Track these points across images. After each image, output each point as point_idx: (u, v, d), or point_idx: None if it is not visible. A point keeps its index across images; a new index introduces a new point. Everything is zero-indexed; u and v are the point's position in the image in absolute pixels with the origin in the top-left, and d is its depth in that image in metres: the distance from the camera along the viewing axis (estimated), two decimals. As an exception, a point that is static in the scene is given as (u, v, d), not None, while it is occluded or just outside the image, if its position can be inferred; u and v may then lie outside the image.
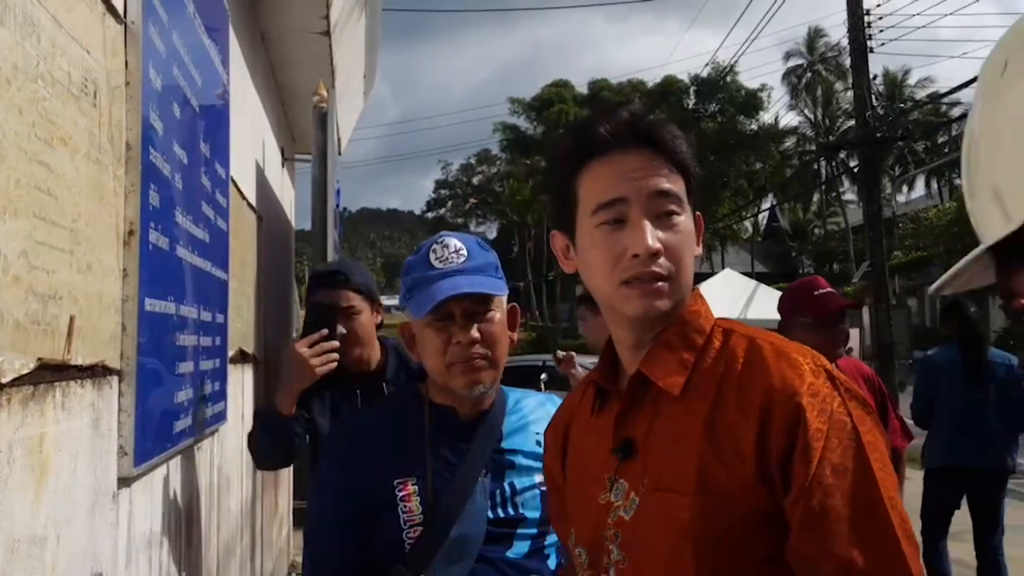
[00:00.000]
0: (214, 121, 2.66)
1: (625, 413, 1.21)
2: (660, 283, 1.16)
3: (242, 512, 3.56)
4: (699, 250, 1.22)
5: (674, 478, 1.11)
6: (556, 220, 1.28)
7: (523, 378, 4.89)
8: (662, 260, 1.15)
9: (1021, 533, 6.86)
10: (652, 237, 1.15)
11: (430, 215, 62.90)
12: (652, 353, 1.19)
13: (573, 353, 4.75)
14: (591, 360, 4.65)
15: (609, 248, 1.17)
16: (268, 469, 2.89)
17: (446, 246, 1.61)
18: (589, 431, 1.29)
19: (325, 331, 2.40)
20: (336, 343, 2.41)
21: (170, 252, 2.00)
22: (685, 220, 1.19)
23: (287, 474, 5.53)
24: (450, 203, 61.53)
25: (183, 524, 2.36)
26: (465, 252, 1.60)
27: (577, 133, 1.26)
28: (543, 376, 7.67)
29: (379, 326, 2.66)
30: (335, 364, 2.41)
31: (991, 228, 0.67)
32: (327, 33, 4.24)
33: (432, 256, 1.60)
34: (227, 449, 3.13)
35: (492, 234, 60.42)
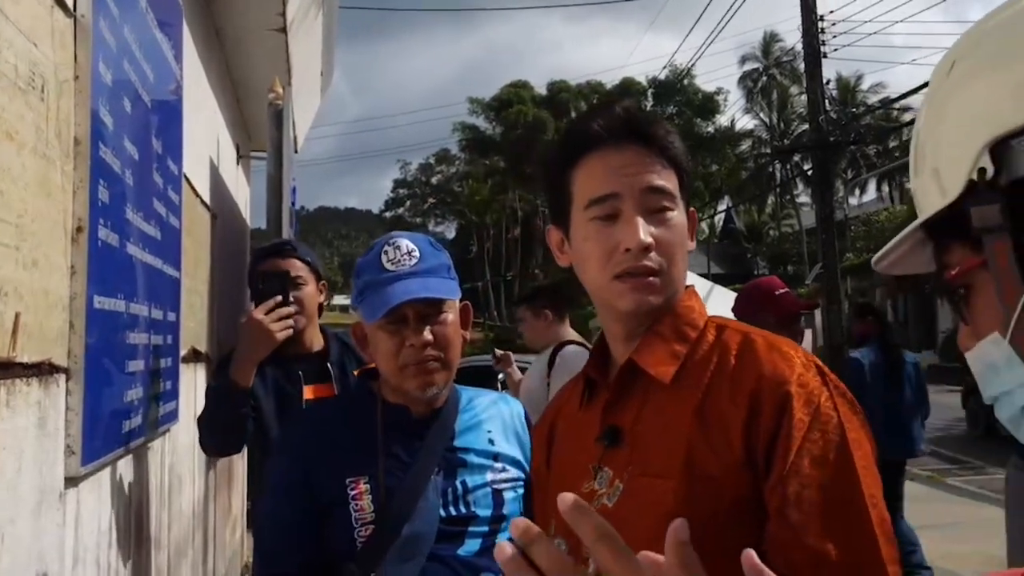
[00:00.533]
0: (167, 117, 2.63)
1: (613, 402, 1.22)
2: (652, 278, 1.17)
3: (194, 512, 3.52)
4: (692, 245, 1.24)
5: (661, 464, 1.12)
6: (551, 215, 1.30)
7: (480, 377, 4.91)
8: (654, 255, 1.17)
9: (958, 529, 7.05)
10: (644, 232, 1.16)
11: (388, 214, 62.63)
12: (644, 342, 1.20)
13: (510, 353, 4.81)
14: (530, 358, 4.71)
15: (602, 242, 1.18)
16: (220, 453, 2.81)
17: (398, 247, 1.60)
18: (576, 424, 1.29)
19: (279, 297, 2.38)
20: (293, 308, 2.39)
21: (120, 249, 1.98)
22: (677, 215, 1.21)
23: (240, 474, 5.48)
24: (408, 202, 61.33)
25: (133, 524, 2.33)
26: (417, 254, 1.60)
27: (572, 129, 1.27)
28: (500, 375, 7.68)
29: (321, 308, 2.65)
30: (291, 330, 2.39)
31: (929, 204, 0.71)
32: (283, 30, 4.21)
33: (384, 258, 1.59)
34: (179, 449, 3.10)
35: (450, 234, 60.35)
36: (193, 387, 3.46)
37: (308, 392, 2.49)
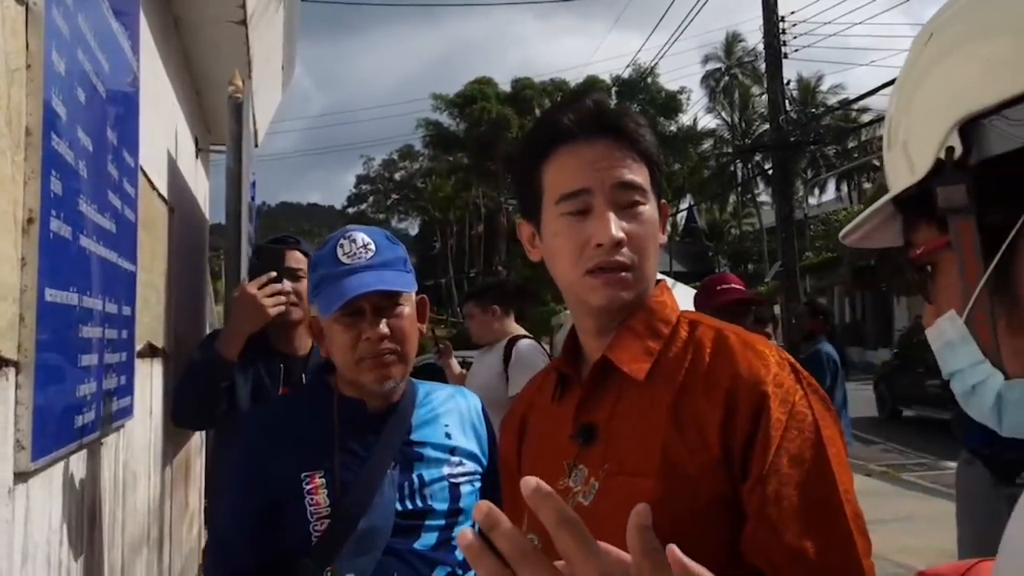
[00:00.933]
0: (122, 108, 2.59)
1: (587, 399, 1.22)
2: (624, 273, 1.18)
3: (150, 510, 3.48)
4: (663, 238, 1.24)
5: (637, 462, 1.13)
6: (521, 209, 1.29)
7: (441, 374, 4.91)
8: (626, 250, 1.17)
9: (912, 523, 7.18)
10: (616, 227, 1.16)
11: (351, 210, 62.23)
12: (617, 339, 1.20)
13: (450, 344, 4.84)
14: (473, 352, 4.78)
15: (573, 237, 1.18)
16: (193, 425, 2.76)
17: (354, 241, 1.60)
18: (548, 418, 1.29)
19: (273, 273, 2.35)
20: (288, 287, 2.36)
21: (73, 241, 1.95)
22: (649, 210, 1.21)
23: (198, 471, 5.42)
24: (371, 198, 61.01)
25: (85, 521, 2.29)
26: (373, 247, 1.60)
27: (542, 123, 1.27)
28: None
29: None
30: (283, 308, 2.36)
31: (899, 179, 0.71)
32: (243, 22, 4.16)
33: (340, 251, 1.59)
34: (134, 445, 3.05)
35: (414, 230, 60.17)
36: (149, 383, 3.41)
37: (283, 392, 2.48)
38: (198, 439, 5.37)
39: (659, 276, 1.29)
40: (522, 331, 4.42)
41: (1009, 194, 0.62)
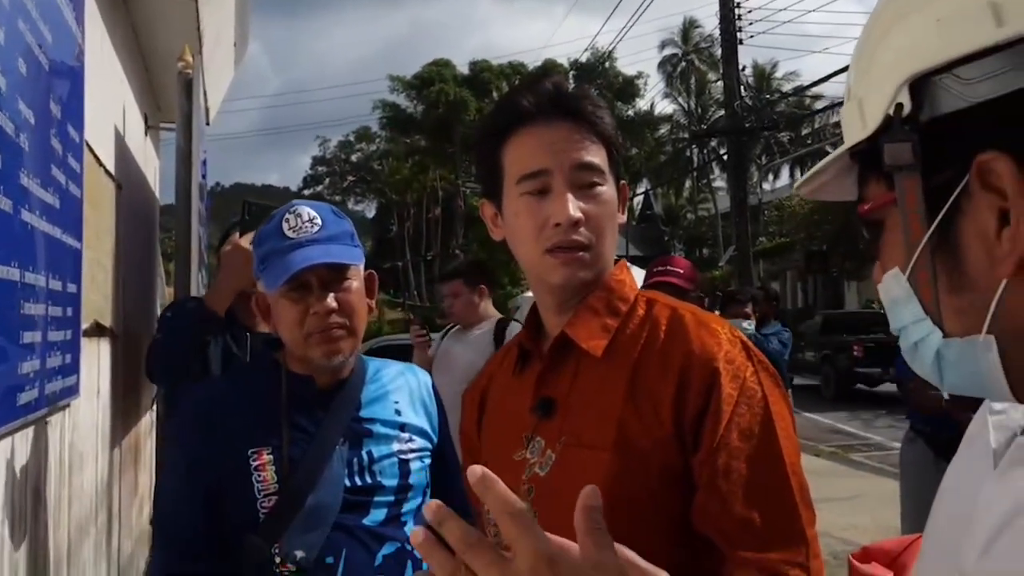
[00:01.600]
0: (67, 81, 2.53)
1: (546, 373, 1.25)
2: (582, 252, 1.20)
3: (97, 491, 3.43)
4: (622, 218, 1.27)
5: (593, 435, 1.15)
6: (483, 189, 1.31)
7: (399, 356, 4.86)
8: (583, 230, 1.19)
9: (859, 502, 7.34)
10: (574, 207, 1.18)
11: (307, 192, 61.54)
12: (577, 316, 1.23)
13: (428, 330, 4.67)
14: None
15: (532, 217, 1.21)
16: (163, 377, 2.67)
17: (299, 215, 1.58)
18: (509, 392, 1.32)
19: None
20: None
21: (14, 216, 1.90)
22: (607, 190, 1.23)
23: (148, 452, 5.35)
24: (327, 180, 60.38)
25: (29, 502, 2.26)
26: (319, 221, 1.58)
27: (502, 104, 1.29)
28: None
29: None
30: None
31: (852, 133, 0.71)
32: (193, -4, 4.09)
33: (285, 226, 1.57)
34: (81, 425, 3.01)
35: (370, 213, 59.74)
36: (96, 362, 3.36)
37: None
38: (148, 420, 5.30)
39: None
40: (498, 313, 4.36)
41: (955, 153, 0.62)
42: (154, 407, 5.14)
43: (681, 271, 3.84)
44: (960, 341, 0.65)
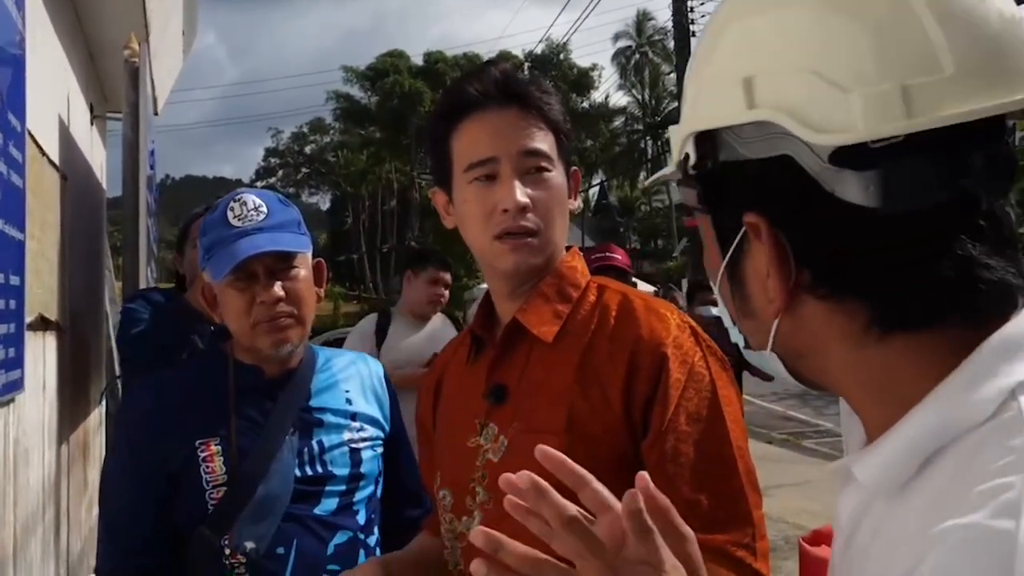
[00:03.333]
0: (7, 69, 2.47)
1: (499, 360, 1.25)
2: (530, 239, 1.21)
3: (44, 488, 3.36)
4: (573, 204, 1.28)
5: (544, 420, 1.17)
6: (435, 178, 1.32)
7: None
8: (531, 215, 1.20)
9: (811, 488, 7.46)
10: (521, 193, 1.19)
11: (260, 184, 60.76)
12: (528, 303, 1.24)
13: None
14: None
15: (481, 204, 1.22)
16: (145, 368, 2.65)
17: (244, 203, 1.56)
18: (462, 379, 1.32)
19: None
20: None
21: (-48, 206, 1.86)
22: (555, 176, 1.24)
23: (97, 448, 5.26)
24: (281, 172, 59.65)
25: (-28, 498, 2.21)
26: (265, 209, 1.57)
27: (450, 92, 1.30)
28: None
29: None
30: None
31: (670, 158, 0.76)
32: (139, -17, 4.01)
33: (230, 214, 1.55)
34: (25, 420, 2.94)
35: (325, 205, 59.16)
36: (42, 356, 3.29)
37: None
38: (97, 416, 5.21)
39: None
40: None
41: (736, 202, 0.68)
42: (103, 402, 5.06)
43: (619, 256, 3.99)
44: (754, 352, 0.73)
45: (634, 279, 3.75)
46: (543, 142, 1.23)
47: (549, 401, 1.18)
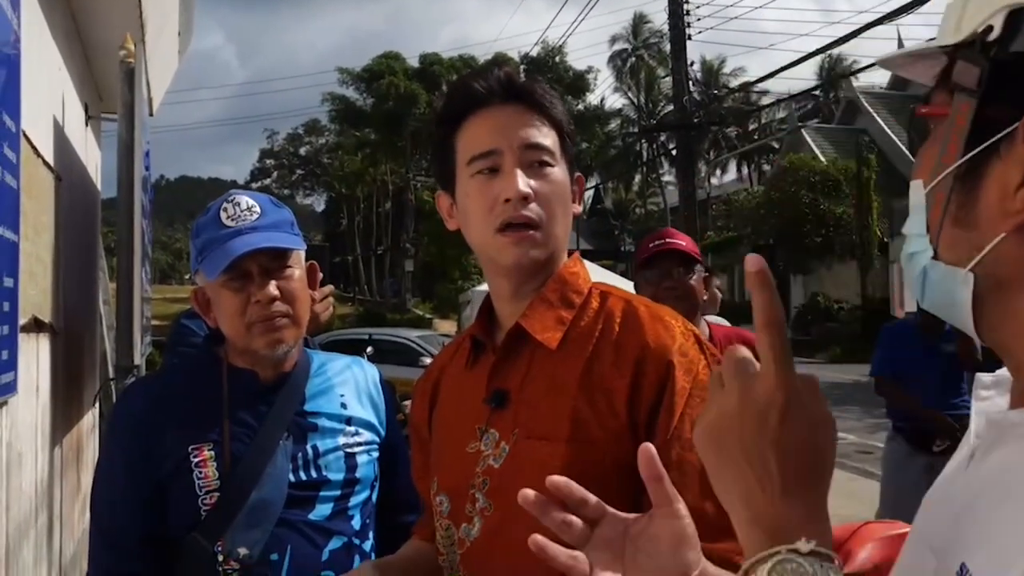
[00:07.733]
0: (1, 69, 2.45)
1: (500, 365, 1.25)
2: (532, 231, 1.21)
3: (37, 491, 3.34)
4: (577, 208, 1.28)
5: (547, 427, 1.16)
6: (438, 180, 1.32)
7: (349, 351, 4.82)
8: (533, 206, 1.20)
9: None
10: (523, 182, 1.20)
11: (255, 185, 60.67)
12: (531, 308, 1.24)
13: None
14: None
15: (483, 195, 1.22)
16: None
17: (237, 204, 1.56)
18: (461, 384, 1.31)
19: (331, 287, 2.30)
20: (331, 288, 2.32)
21: (-55, 207, 1.84)
22: (558, 171, 1.24)
23: (91, 451, 5.23)
24: (276, 173, 59.63)
25: (-36, 502, 2.19)
26: (258, 209, 1.56)
27: (455, 90, 1.30)
28: (368, 349, 7.64)
29: None
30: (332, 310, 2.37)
31: (944, 32, 0.69)
32: (135, -16, 3.99)
33: (223, 215, 1.54)
34: (19, 423, 2.93)
35: (320, 207, 59.17)
36: (35, 358, 3.27)
37: None
38: (90, 418, 5.18)
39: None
40: None
41: (1018, 97, 0.61)
42: (96, 405, 5.04)
43: (683, 242, 3.10)
44: (944, 266, 0.67)
45: (700, 267, 2.96)
46: (546, 137, 1.24)
47: (552, 408, 1.17)
